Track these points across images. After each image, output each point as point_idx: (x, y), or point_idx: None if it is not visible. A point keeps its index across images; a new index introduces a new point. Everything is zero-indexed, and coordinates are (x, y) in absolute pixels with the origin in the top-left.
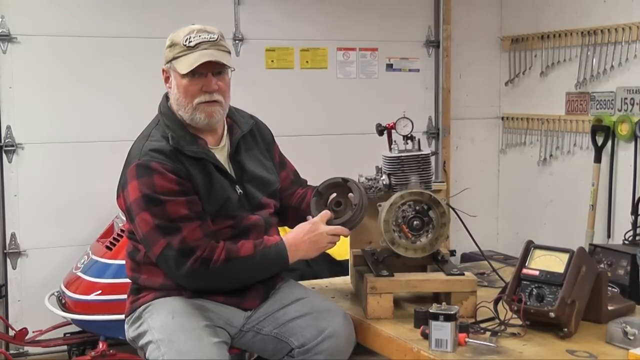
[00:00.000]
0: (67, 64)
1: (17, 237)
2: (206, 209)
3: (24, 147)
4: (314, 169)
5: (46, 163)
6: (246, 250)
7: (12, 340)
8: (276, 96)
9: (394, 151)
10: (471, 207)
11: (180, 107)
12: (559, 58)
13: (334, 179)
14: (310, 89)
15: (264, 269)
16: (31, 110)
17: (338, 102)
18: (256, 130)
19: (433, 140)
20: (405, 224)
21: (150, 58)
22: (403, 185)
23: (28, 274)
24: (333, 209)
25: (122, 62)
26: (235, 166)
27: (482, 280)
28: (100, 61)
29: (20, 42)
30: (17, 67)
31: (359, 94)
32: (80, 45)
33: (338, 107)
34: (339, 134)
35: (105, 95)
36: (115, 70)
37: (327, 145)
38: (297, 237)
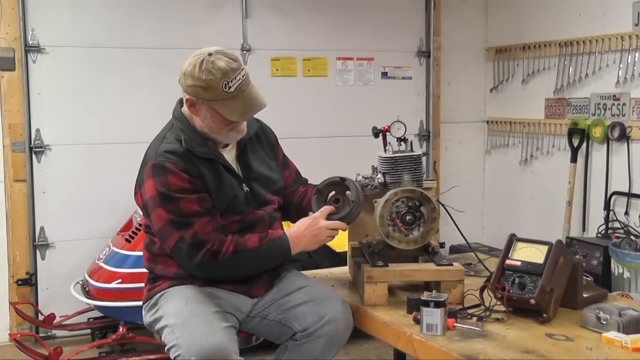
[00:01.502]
0: (90, 72)
1: (46, 231)
2: (216, 205)
3: (51, 149)
4: (315, 168)
5: (71, 163)
6: (252, 243)
7: (41, 324)
8: (280, 102)
9: (389, 152)
10: (459, 203)
11: (213, 132)
12: (539, 67)
13: (333, 177)
14: (311, 95)
15: (269, 260)
16: (58, 114)
17: (337, 107)
18: (261, 133)
19: (424, 142)
20: (399, 219)
21: (164, 66)
22: (397, 183)
23: (55, 264)
24: (332, 205)
25: (140, 70)
26: (242, 166)
27: (469, 270)
28: (119, 70)
29: (48, 52)
30: (46, 76)
31: (356, 100)
32: (102, 55)
33: (337, 111)
34: (337, 136)
35: (124, 101)
36: (133, 78)
37: (327, 147)
38: (299, 230)
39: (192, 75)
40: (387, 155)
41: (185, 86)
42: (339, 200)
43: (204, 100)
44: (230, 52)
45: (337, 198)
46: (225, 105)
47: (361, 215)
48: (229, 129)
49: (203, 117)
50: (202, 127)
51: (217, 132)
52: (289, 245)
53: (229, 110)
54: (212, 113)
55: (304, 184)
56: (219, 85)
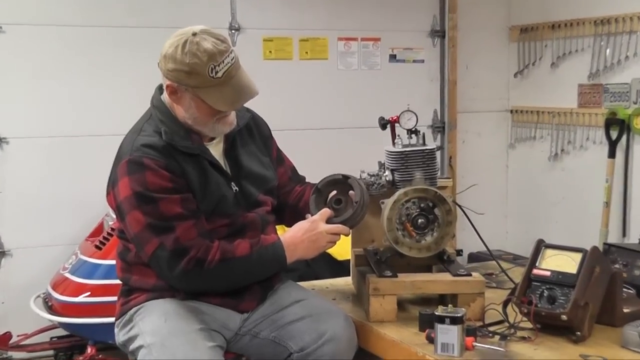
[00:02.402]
0: (55, 54)
1: (1, 237)
2: (201, 207)
3: (8, 142)
4: (313, 165)
5: (32, 158)
6: (242, 250)
7: None
8: (274, 88)
9: (398, 146)
10: (479, 205)
11: (198, 123)
12: (570, 48)
13: (333, 175)
14: (309, 81)
15: (261, 269)
16: (17, 102)
17: (339, 94)
18: (253, 124)
19: (438, 134)
20: (410, 222)
21: (141, 48)
22: (407, 182)
23: (12, 275)
24: (333, 207)
25: (113, 52)
26: (231, 162)
27: (491, 281)
28: (89, 52)
29: (5, 31)
30: (2, 58)
31: (360, 86)
32: (68, 35)
33: (339, 99)
34: (339, 127)
35: (94, 87)
36: (105, 61)
37: (327, 140)
38: (296, 236)
39: (173, 58)
40: (396, 150)
41: (166, 70)
42: (340, 201)
43: (187, 86)
44: (217, 32)
45: (338, 199)
46: (211, 92)
47: (366, 218)
48: (215, 119)
49: (186, 106)
50: (185, 117)
51: (203, 124)
52: (284, 252)
53: (216, 98)
54: (196, 101)
55: (301, 182)
56: (204, 69)
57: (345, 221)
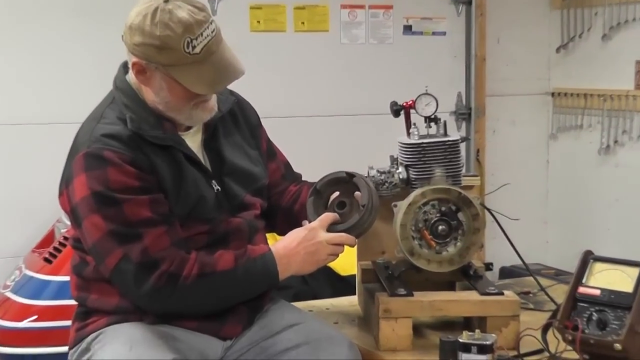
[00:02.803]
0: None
1: None
2: (174, 210)
3: None
4: (311, 160)
5: None
6: (225, 263)
7: None
8: (263, 67)
9: (414, 137)
10: (512, 208)
11: (171, 109)
12: (626, 16)
13: (336, 173)
14: (306, 58)
15: (248, 286)
16: None
17: (342, 74)
18: (238, 110)
19: (463, 122)
20: (428, 230)
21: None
22: (425, 180)
23: None
24: (335, 212)
25: (67, 22)
26: (212, 156)
27: (527, 301)
28: (37, 22)
29: None
30: None
31: (368, 64)
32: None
33: (342, 80)
34: (342, 115)
35: (43, 65)
36: (57, 34)
37: (328, 130)
38: (290, 246)
39: (141, 29)
40: (411, 142)
41: (132, 45)
42: (344, 205)
43: (157, 64)
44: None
45: (342, 201)
46: (187, 72)
47: (375, 224)
48: (192, 105)
49: (157, 88)
50: (156, 102)
51: (177, 110)
52: (275, 266)
53: (193, 79)
54: (169, 83)
55: (296, 181)
56: (179, 44)
57: (350, 229)
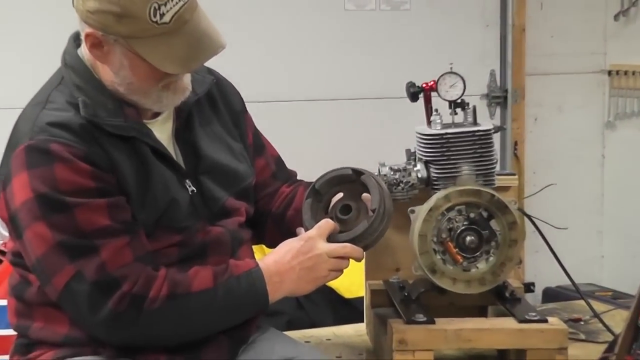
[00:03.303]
0: None
1: None
2: (139, 217)
3: None
4: (310, 155)
5: None
6: (201, 282)
7: None
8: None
9: (435, 126)
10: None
11: (135, 92)
12: None
13: (339, 170)
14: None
15: (230, 311)
16: None
17: (346, 48)
18: (217, 93)
19: (497, 108)
20: (453, 241)
21: None
22: (449, 180)
23: None
24: (338, 218)
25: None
26: (185, 149)
27: (577, 330)
28: None
29: None
30: None
31: (379, 36)
32: None
33: (346, 55)
34: (347, 98)
35: None
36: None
37: (329, 118)
38: (282, 261)
39: None
40: (432, 132)
41: (85, 12)
42: (349, 209)
43: (117, 36)
44: None
45: (346, 205)
46: (154, 45)
47: (388, 234)
48: (161, 86)
49: (116, 66)
50: (115, 83)
51: (142, 92)
52: (264, 285)
53: (162, 54)
54: (131, 59)
55: (289, 180)
56: (143, 10)
57: (357, 239)
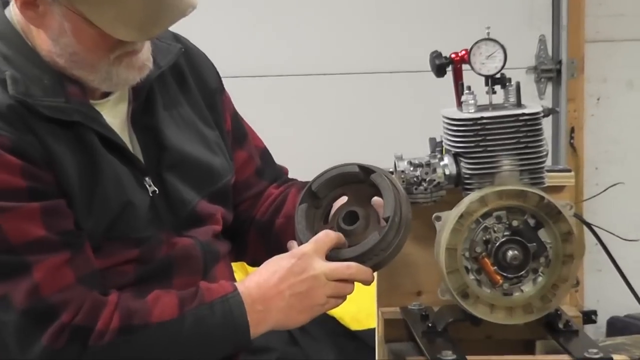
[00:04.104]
0: None
1: None
2: (84, 225)
3: None
4: (306, 145)
5: None
6: (164, 310)
7: None
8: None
9: (468, 108)
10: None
11: (79, 64)
12: None
13: (343, 166)
14: None
15: (200, 348)
16: None
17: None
18: (186, 66)
19: (548, 84)
20: (491, 257)
21: None
22: (486, 177)
23: None
24: (341, 228)
25: None
26: (145, 138)
27: None
28: None
29: None
30: None
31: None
32: None
33: (357, 20)
34: (354, 73)
35: None
36: None
37: (333, 97)
38: (268, 284)
39: None
40: (464, 116)
41: None
42: (355, 218)
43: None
44: None
45: (351, 212)
46: (104, 5)
47: (406, 248)
48: (113, 59)
49: (56, 31)
50: (54, 53)
51: (88, 66)
52: (245, 315)
53: (114, 15)
54: (75, 23)
55: (279, 179)
56: None
57: (365, 256)
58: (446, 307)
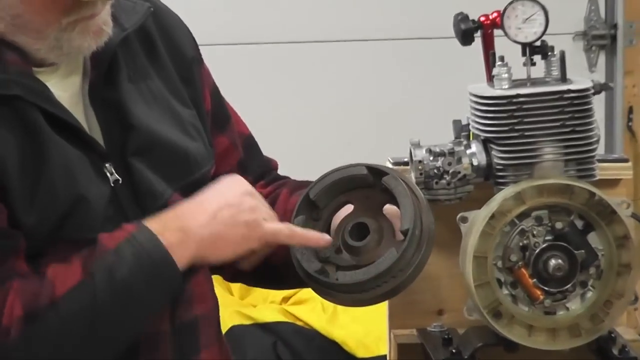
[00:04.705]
0: None
1: None
2: (25, 221)
3: None
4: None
5: None
6: (67, 278)
7: None
8: None
9: (501, 83)
10: None
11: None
12: None
13: (348, 168)
14: None
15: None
16: None
17: None
18: (157, 30)
19: (600, 54)
20: (530, 267)
21: None
22: (523, 169)
23: None
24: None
25: None
26: (106, 116)
27: None
28: None
29: None
30: None
31: None
32: None
33: None
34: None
35: None
36: None
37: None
38: (188, 205)
39: None
40: (496, 93)
41: None
42: (365, 231)
43: None
44: None
45: (360, 224)
46: None
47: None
48: (65, 23)
49: None
50: None
51: (33, 32)
52: (159, 245)
53: None
54: None
55: (267, 176)
56: None
57: (381, 279)
58: (474, 329)
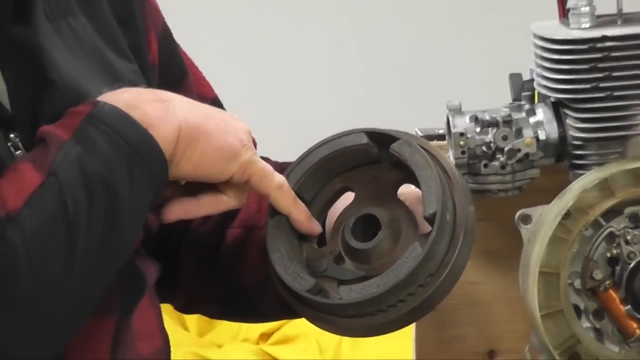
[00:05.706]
0: None
1: None
2: None
3: None
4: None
5: None
6: (24, 182)
7: None
8: None
9: (580, 20)
10: None
11: None
12: None
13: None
14: None
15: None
16: None
17: None
18: None
19: None
20: (621, 288)
21: None
22: (611, 146)
23: None
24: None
25: None
26: (14, 64)
27: None
28: None
29: None
30: None
31: None
32: None
33: None
34: None
35: None
36: None
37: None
38: None
39: None
40: (572, 35)
41: None
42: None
43: None
44: None
45: (366, 217)
46: None
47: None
48: None
49: None
50: None
51: None
52: (127, 117)
53: None
54: None
55: None
56: None
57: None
58: None
